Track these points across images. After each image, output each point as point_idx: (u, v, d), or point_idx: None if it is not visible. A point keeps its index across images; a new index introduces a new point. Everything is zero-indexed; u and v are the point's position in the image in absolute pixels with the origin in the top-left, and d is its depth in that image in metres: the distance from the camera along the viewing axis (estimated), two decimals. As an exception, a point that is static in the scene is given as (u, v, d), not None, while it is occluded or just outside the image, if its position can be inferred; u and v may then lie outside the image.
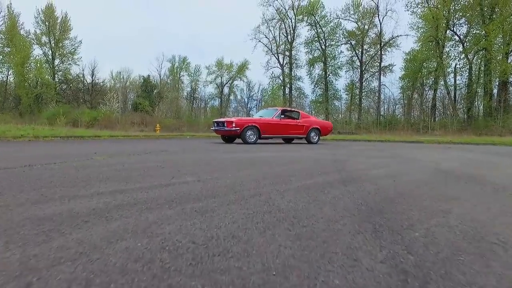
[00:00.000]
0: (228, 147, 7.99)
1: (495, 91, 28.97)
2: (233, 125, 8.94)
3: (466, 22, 28.70)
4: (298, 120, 10.23)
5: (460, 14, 28.25)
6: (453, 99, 29.64)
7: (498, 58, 28.32)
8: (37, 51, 37.13)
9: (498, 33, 25.58)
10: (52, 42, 37.45)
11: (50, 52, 37.45)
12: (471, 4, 28.09)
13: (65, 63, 38.25)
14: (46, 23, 36.89)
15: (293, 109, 10.84)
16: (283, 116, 9.81)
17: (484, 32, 27.00)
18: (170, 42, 60.44)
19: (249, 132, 9.11)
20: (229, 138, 9.88)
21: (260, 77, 73.15)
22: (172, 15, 62.01)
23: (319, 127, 10.58)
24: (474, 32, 28.62)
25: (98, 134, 12.85)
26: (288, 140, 11.29)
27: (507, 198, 2.23)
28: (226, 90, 44.10)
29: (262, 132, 9.26)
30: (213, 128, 9.73)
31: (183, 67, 44.92)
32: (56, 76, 37.71)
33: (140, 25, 61.14)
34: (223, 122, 9.29)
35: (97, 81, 36.16)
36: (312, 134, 10.45)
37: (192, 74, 44.73)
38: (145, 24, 60.40)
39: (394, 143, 13.89)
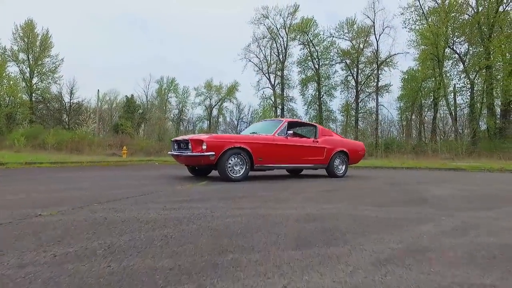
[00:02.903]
0: (195, 188, 4.33)
1: (498, 110, 25.66)
2: (203, 147, 4.67)
3: (466, 40, 25.68)
4: (314, 139, 6.06)
5: (460, 31, 25.23)
6: (455, 120, 26.14)
7: (498, 77, 25.23)
8: (13, 68, 32.60)
9: (506, 50, 22.39)
10: (31, 60, 33.02)
11: (28, 69, 32.93)
12: (470, 22, 25.17)
13: (44, 81, 33.76)
14: (25, 39, 32.66)
15: (305, 122, 6.64)
16: (290, 132, 5.69)
17: (483, 49, 24.02)
18: (158, 64, 56.57)
19: (232, 160, 4.86)
20: (200, 168, 5.62)
21: (250, 98, 69.40)
22: (162, 37, 58.75)
23: (346, 151, 6.36)
24: (475, 50, 25.57)
25: (33, 160, 8.46)
26: (294, 171, 7.05)
27: None
28: (215, 112, 40.17)
29: (256, 160, 5.05)
30: (172, 153, 5.44)
31: (171, 88, 41.03)
32: (34, 95, 33.05)
33: (129, 47, 57.38)
34: (186, 142, 5.01)
35: (76, 100, 31.59)
36: (337, 161, 6.27)
37: (180, 96, 40.75)
38: (134, 45, 56.68)
39: (431, 171, 9.89)
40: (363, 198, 3.30)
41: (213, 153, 4.65)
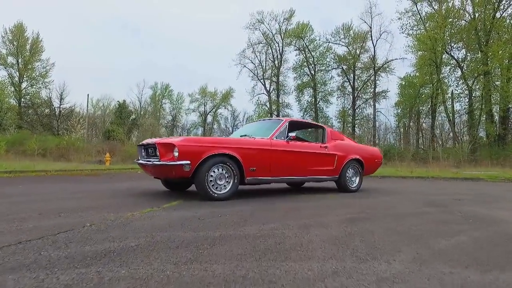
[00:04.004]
0: (146, 219, 3.04)
1: (496, 117, 24.75)
2: (175, 153, 3.32)
3: (463, 46, 24.83)
4: (322, 144, 4.69)
5: (457, 37, 24.39)
6: (454, 126, 25.13)
7: (496, 82, 24.36)
8: (1, 72, 30.96)
9: (504, 56, 21.50)
10: (20, 64, 31.47)
11: (18, 74, 31.35)
12: (467, 28, 24.34)
13: (34, 86, 32.16)
14: (14, 43, 31.14)
15: (310, 122, 5.29)
16: (292, 134, 4.27)
17: (481, 55, 23.17)
18: (152, 70, 55.03)
19: (216, 171, 3.52)
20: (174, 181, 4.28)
21: (245, 105, 67.96)
22: (156, 42, 57.43)
23: (361, 159, 4.98)
24: (473, 56, 24.72)
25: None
26: (295, 185, 5.73)
27: None
28: (209, 118, 38.82)
29: (248, 171, 3.71)
30: (138, 161, 4.09)
31: (165, 94, 39.62)
32: (22, 100, 31.43)
33: (122, 51, 55.86)
34: (153, 147, 3.66)
35: (66, 105, 30.04)
36: (350, 172, 4.88)
37: (174, 102, 39.35)
38: (126, 50, 55.14)
39: (447, 181, 8.69)
40: (421, 240, 1.96)
41: (188, 162, 3.29)
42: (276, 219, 2.49)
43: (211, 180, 3.47)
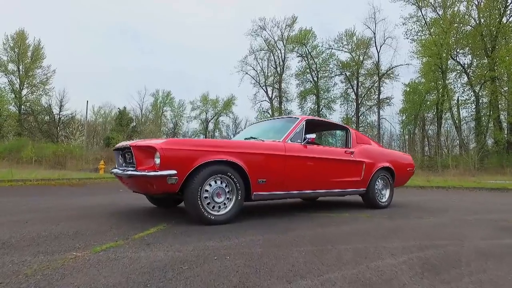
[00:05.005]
0: (113, 260, 1.89)
1: (505, 123, 23.81)
2: (156, 160, 2.37)
3: (469, 52, 24.01)
4: (347, 150, 3.67)
5: (463, 42, 23.58)
6: (461, 133, 24.15)
7: (504, 88, 23.48)
8: (2, 79, 30.27)
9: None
10: (21, 71, 30.83)
11: (18, 80, 30.67)
12: (472, 34, 23.55)
13: (34, 93, 31.42)
14: (16, 50, 30.56)
15: (331, 121, 4.32)
16: (311, 136, 3.17)
17: (487, 61, 22.35)
18: (153, 77, 54.26)
19: (212, 185, 2.55)
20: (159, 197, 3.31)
21: (247, 112, 66.61)
22: (158, 49, 56.80)
23: (391, 167, 3.99)
24: (479, 62, 23.89)
25: None
26: (310, 199, 4.77)
27: None
28: (211, 126, 37.94)
29: (256, 183, 2.73)
30: (113, 171, 3.15)
31: (166, 101, 38.85)
32: (23, 107, 30.68)
33: (126, 60, 55.24)
34: (130, 151, 2.72)
35: (65, 112, 29.26)
36: (379, 184, 3.89)
37: (175, 109, 38.56)
38: (130, 58, 54.49)
39: (472, 191, 7.75)
40: None
41: (174, 171, 2.33)
42: (305, 264, 1.53)
43: (206, 197, 2.50)
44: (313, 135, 3.15)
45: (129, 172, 2.50)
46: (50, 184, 6.77)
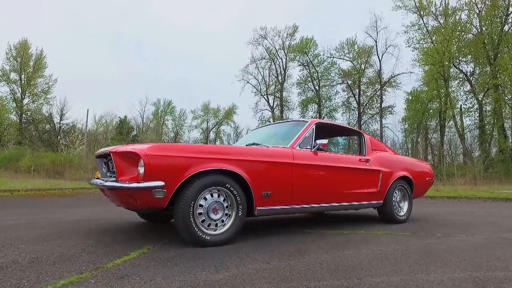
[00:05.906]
0: None
1: (509, 132, 23.38)
2: (140, 169, 1.96)
3: (472, 60, 23.76)
4: (362, 157, 3.23)
5: (465, 50, 23.36)
6: (464, 142, 23.69)
7: (508, 96, 23.13)
8: (3, 88, 30.13)
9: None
10: (23, 80, 30.74)
11: (20, 90, 30.55)
12: (474, 42, 23.35)
13: (36, 102, 31.24)
14: (18, 59, 30.53)
15: (343, 125, 3.90)
16: (322, 142, 2.73)
17: (490, 68, 22.08)
18: (155, 85, 54.07)
19: (208, 198, 2.13)
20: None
21: (248, 121, 65.93)
22: (159, 57, 56.73)
23: (410, 176, 3.55)
24: (482, 70, 23.62)
25: None
26: (319, 213, 4.28)
27: None
28: (212, 135, 37.61)
29: (259, 196, 2.31)
30: (93, 182, 2.75)
31: (167, 111, 38.63)
32: (24, 115, 30.48)
33: (127, 68, 55.14)
34: (110, 159, 2.32)
35: (66, 121, 29.01)
36: (397, 195, 3.41)
37: (176, 119, 38.32)
38: (130, 67, 54.36)
39: (488, 202, 7.28)
40: None
41: (161, 183, 1.92)
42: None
43: (200, 213, 2.08)
44: (325, 141, 2.73)
45: (108, 184, 2.08)
46: (40, 195, 6.34)
